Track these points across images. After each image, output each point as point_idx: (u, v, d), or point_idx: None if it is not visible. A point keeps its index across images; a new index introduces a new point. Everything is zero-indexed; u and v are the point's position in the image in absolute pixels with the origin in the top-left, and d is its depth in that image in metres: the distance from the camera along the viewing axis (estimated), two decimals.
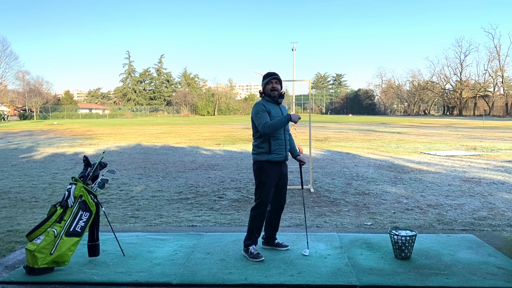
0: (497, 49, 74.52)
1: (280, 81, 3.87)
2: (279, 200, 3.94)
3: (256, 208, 3.82)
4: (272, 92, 3.81)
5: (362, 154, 12.44)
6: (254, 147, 3.88)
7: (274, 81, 3.82)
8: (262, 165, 3.77)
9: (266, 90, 3.84)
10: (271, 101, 3.84)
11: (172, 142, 17.87)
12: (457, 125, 35.59)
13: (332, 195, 6.62)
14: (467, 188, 7.06)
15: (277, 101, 3.84)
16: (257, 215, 3.81)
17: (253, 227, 3.82)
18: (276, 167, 3.80)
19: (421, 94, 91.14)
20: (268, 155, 3.74)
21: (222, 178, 8.31)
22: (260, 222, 3.83)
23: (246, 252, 3.78)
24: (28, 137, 22.42)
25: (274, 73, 3.87)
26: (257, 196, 3.83)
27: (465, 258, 3.72)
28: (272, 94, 3.81)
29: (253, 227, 3.82)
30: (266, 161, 3.75)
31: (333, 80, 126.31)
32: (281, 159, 3.80)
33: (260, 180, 3.79)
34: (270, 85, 3.82)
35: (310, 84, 7.37)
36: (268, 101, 3.84)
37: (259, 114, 3.72)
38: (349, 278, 3.30)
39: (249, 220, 3.86)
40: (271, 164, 3.76)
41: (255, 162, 3.83)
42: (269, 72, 3.90)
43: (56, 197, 6.53)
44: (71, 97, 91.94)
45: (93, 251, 3.67)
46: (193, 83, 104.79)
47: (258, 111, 3.74)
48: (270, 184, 3.78)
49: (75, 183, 3.59)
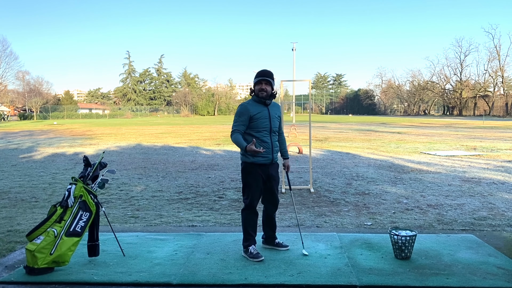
0: (497, 49, 74.60)
1: (271, 82, 3.71)
2: (272, 200, 3.91)
3: (246, 209, 3.80)
4: (260, 92, 3.68)
5: (362, 154, 12.44)
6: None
7: (264, 82, 3.68)
8: (246, 166, 3.72)
9: (255, 90, 3.71)
10: (259, 101, 3.71)
11: (172, 142, 17.87)
12: (457, 125, 35.59)
13: (332, 195, 6.62)
14: (467, 188, 7.06)
15: (265, 102, 3.71)
16: (248, 215, 3.79)
17: (248, 227, 3.80)
18: (261, 169, 3.72)
19: (421, 94, 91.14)
20: (253, 157, 3.65)
21: (222, 178, 8.31)
22: (252, 221, 3.81)
23: (246, 253, 3.77)
24: (28, 137, 22.42)
25: (265, 73, 3.71)
26: (245, 197, 3.80)
27: (465, 258, 3.72)
28: (260, 94, 3.68)
29: (248, 227, 3.80)
30: (251, 163, 3.69)
31: (333, 80, 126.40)
32: (266, 162, 3.72)
33: (246, 181, 3.76)
34: (259, 86, 3.69)
35: (310, 84, 7.37)
36: (256, 101, 3.72)
37: (236, 118, 3.67)
38: (349, 278, 3.30)
39: (242, 222, 3.84)
40: (255, 166, 3.69)
41: (242, 162, 3.80)
42: (261, 71, 3.74)
43: (56, 197, 6.53)
44: (71, 97, 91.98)
45: (93, 251, 3.67)
46: (193, 83, 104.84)
47: (237, 115, 3.68)
48: (257, 186, 3.73)
49: (75, 183, 3.59)
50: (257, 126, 3.66)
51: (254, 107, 3.69)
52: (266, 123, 3.70)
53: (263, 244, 4.06)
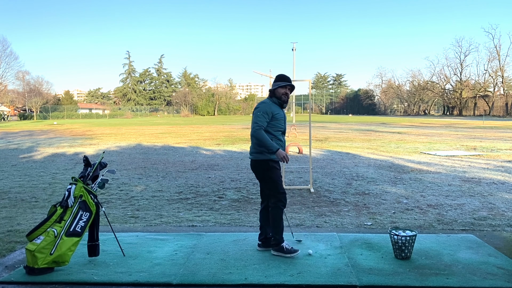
0: (497, 49, 74.60)
1: (293, 89, 3.97)
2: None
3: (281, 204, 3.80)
4: (284, 96, 3.88)
5: (362, 154, 12.44)
6: (255, 146, 3.83)
7: (289, 87, 3.89)
8: (267, 163, 3.79)
9: (277, 92, 3.88)
10: (278, 103, 3.89)
11: (172, 142, 17.87)
12: (457, 125, 35.59)
13: (332, 195, 6.62)
14: (467, 188, 7.06)
15: (282, 105, 3.91)
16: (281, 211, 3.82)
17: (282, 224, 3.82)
18: (277, 164, 3.87)
19: (421, 94, 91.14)
20: (270, 154, 3.76)
21: (222, 178, 8.31)
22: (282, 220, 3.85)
23: (281, 251, 3.77)
24: (28, 137, 22.42)
25: (290, 79, 3.94)
26: (274, 193, 3.80)
27: (465, 258, 3.72)
28: (283, 98, 3.88)
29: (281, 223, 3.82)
30: (270, 160, 3.79)
31: (333, 80, 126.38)
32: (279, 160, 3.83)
33: (270, 176, 3.80)
34: (284, 90, 3.88)
35: (310, 84, 7.38)
36: (274, 103, 3.89)
37: (260, 113, 3.73)
38: (349, 278, 3.30)
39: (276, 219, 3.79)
40: (274, 162, 3.82)
41: (259, 161, 3.80)
42: (287, 77, 3.93)
43: (56, 197, 6.53)
44: (71, 97, 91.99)
45: (93, 251, 3.67)
46: (193, 83, 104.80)
47: (260, 110, 3.75)
48: (279, 178, 3.85)
49: (75, 183, 3.60)
50: (276, 126, 3.82)
51: (274, 107, 3.84)
52: (282, 124, 3.88)
53: (259, 247, 3.99)
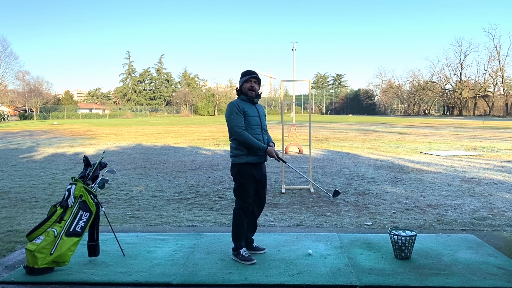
0: (497, 49, 74.55)
1: (259, 81, 3.74)
2: (260, 201, 3.85)
3: (241, 211, 3.68)
4: (250, 91, 3.68)
5: (362, 154, 12.44)
6: (231, 149, 3.73)
7: (253, 80, 3.68)
8: (241, 168, 3.65)
9: (243, 89, 3.69)
10: (247, 100, 3.70)
11: (172, 142, 17.87)
12: (457, 125, 35.59)
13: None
14: (467, 188, 7.06)
15: (253, 101, 3.71)
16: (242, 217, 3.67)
17: (241, 230, 3.68)
18: (255, 168, 3.68)
19: (421, 94, 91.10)
20: (247, 157, 3.61)
21: (222, 178, 8.31)
22: (244, 223, 3.70)
23: (237, 256, 3.65)
24: (28, 137, 22.42)
25: (253, 72, 3.72)
26: (239, 199, 3.70)
27: (465, 258, 3.72)
28: (249, 93, 3.68)
29: (240, 229, 3.68)
30: (245, 163, 3.63)
31: (333, 80, 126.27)
32: (260, 161, 3.70)
33: (240, 183, 3.67)
34: (248, 84, 3.68)
35: (310, 84, 7.38)
36: (244, 100, 3.70)
37: (233, 115, 3.60)
38: (349, 278, 3.30)
39: (234, 224, 3.70)
40: (250, 166, 3.64)
41: (234, 164, 3.71)
42: (249, 70, 3.74)
43: (56, 197, 6.53)
44: (71, 97, 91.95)
45: (93, 251, 3.67)
46: (193, 83, 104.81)
47: (232, 112, 3.61)
48: (251, 187, 3.67)
49: (75, 183, 3.59)
50: (249, 123, 3.65)
51: (243, 104, 3.67)
52: (257, 120, 3.70)
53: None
